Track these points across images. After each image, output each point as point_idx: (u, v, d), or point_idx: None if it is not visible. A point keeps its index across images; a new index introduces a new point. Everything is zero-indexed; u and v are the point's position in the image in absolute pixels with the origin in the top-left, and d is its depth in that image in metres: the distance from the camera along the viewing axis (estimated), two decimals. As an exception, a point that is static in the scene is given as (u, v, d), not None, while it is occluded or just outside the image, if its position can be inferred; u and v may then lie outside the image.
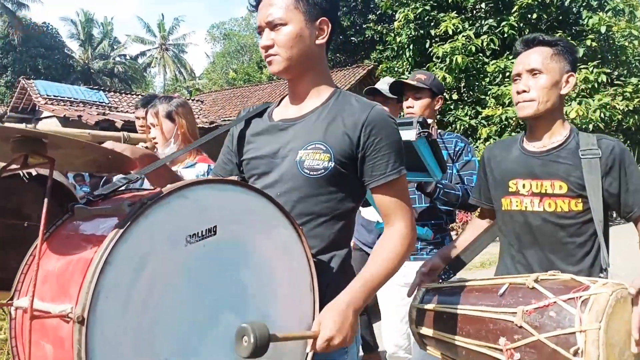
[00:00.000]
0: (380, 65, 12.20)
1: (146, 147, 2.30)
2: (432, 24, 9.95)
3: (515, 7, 8.71)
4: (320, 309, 1.22)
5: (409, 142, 1.82)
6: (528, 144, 1.74)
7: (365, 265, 1.30)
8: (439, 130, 2.41)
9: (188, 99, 20.87)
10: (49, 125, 12.39)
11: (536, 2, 8.54)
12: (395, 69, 10.42)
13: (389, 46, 11.34)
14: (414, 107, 2.52)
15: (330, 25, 1.36)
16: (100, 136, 3.71)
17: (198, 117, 14.67)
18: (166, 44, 39.68)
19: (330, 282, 1.30)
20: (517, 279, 1.47)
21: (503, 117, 8.37)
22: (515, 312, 1.35)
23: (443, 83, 8.97)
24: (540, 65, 1.65)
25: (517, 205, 1.70)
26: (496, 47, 9.04)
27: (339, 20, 1.41)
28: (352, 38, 20.53)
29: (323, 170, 1.28)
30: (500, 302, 1.42)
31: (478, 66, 9.27)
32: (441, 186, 2.29)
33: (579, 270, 1.58)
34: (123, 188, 1.12)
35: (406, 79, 2.50)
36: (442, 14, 9.56)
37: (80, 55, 36.94)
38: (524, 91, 1.66)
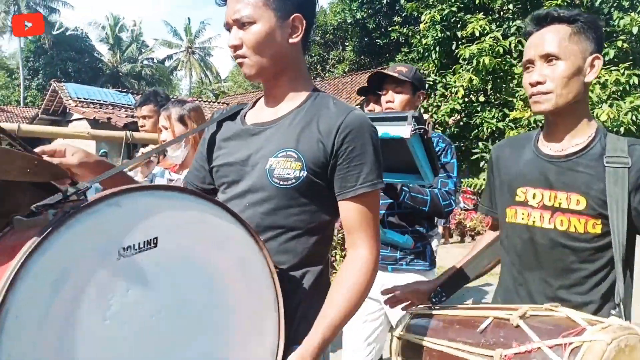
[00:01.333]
0: (406, 68, 12.13)
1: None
2: (458, 25, 9.86)
3: (544, 8, 8.57)
4: (290, 328, 1.13)
5: (402, 139, 1.62)
6: (544, 144, 1.42)
7: (326, 299, 1.18)
8: None
9: (213, 102, 21.08)
10: (79, 127, 12.68)
11: (565, 3, 8.38)
12: (421, 70, 10.34)
13: (414, 48, 11.28)
14: (393, 101, 2.27)
15: (304, 22, 1.23)
16: (100, 135, 3.68)
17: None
18: (192, 47, 40.23)
19: (302, 300, 1.21)
20: (503, 312, 1.25)
21: (531, 119, 8.23)
22: (492, 356, 1.15)
23: (470, 85, 8.89)
24: (557, 49, 1.31)
25: (523, 218, 1.40)
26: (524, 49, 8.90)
27: (315, 16, 1.30)
28: (377, 40, 20.48)
29: (294, 180, 1.17)
30: (480, 340, 1.23)
31: (505, 68, 9.14)
32: (407, 189, 2.10)
33: (589, 302, 1.32)
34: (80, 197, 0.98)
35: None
36: (468, 16, 9.46)
37: (109, 59, 37.73)
38: (539, 82, 1.33)
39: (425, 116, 1.68)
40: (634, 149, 1.28)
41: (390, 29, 16.33)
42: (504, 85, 9.49)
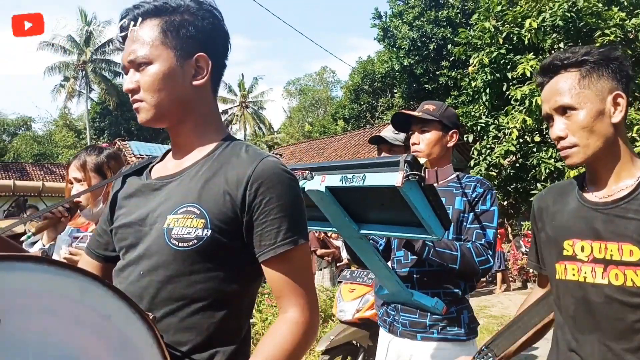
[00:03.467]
0: (456, 111, 12.04)
1: (68, 207, 1.97)
2: (508, 67, 9.79)
3: (597, 45, 8.39)
4: None
5: (393, 187, 1.43)
6: (589, 191, 1.29)
7: None
8: (457, 173, 2.05)
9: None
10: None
11: (619, 39, 8.19)
12: (472, 113, 10.26)
13: (464, 91, 11.25)
14: (419, 143, 2.02)
15: (210, 62, 1.10)
16: (20, 187, 3.64)
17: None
18: (246, 101, 41.79)
19: None
20: None
21: (591, 158, 7.91)
22: None
23: (523, 126, 8.72)
24: (569, 99, 1.21)
25: (573, 275, 1.26)
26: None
27: (225, 54, 1.16)
28: (426, 85, 20.57)
29: (196, 241, 1.00)
30: None
31: (560, 107, 8.94)
32: (431, 244, 1.82)
33: None
34: None
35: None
36: (518, 56, 9.40)
37: (168, 116, 39.62)
38: (560, 137, 1.24)
39: (422, 160, 1.47)
40: None
41: (438, 73, 16.43)
42: (559, 124, 9.22)
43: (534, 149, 9.42)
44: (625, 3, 8.63)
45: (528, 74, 8.92)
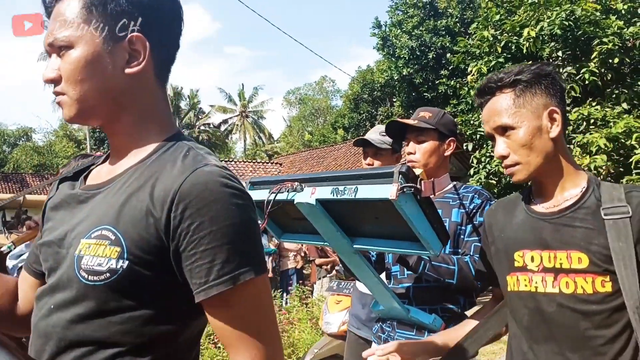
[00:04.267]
0: (455, 119, 12.08)
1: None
2: (506, 75, 9.83)
3: (595, 53, 8.43)
4: None
5: (387, 200, 1.33)
6: (535, 203, 1.32)
7: None
8: (454, 183, 1.97)
9: (267, 162, 21.66)
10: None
11: (617, 47, 8.22)
12: (471, 121, 10.29)
13: (463, 100, 11.28)
14: (415, 153, 1.93)
15: (148, 44, 0.89)
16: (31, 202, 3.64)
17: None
18: (246, 111, 41.93)
19: None
20: None
21: (592, 166, 7.94)
22: None
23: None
24: (506, 119, 1.24)
25: (525, 285, 1.26)
26: (577, 95, 8.73)
27: (172, 34, 0.94)
28: (425, 94, 20.63)
29: (109, 274, 0.80)
30: None
31: (559, 115, 8.97)
32: (427, 258, 1.74)
33: None
34: None
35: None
36: (517, 65, 9.45)
37: (168, 126, 39.79)
38: (503, 156, 1.27)
39: (418, 171, 1.37)
40: (631, 195, 1.17)
41: (437, 82, 16.48)
42: (559, 132, 9.25)
43: (534, 157, 9.44)
44: (623, 12, 8.68)
45: (527, 83, 8.93)
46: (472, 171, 9.11)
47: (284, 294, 8.37)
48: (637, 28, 8.36)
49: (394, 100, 23.22)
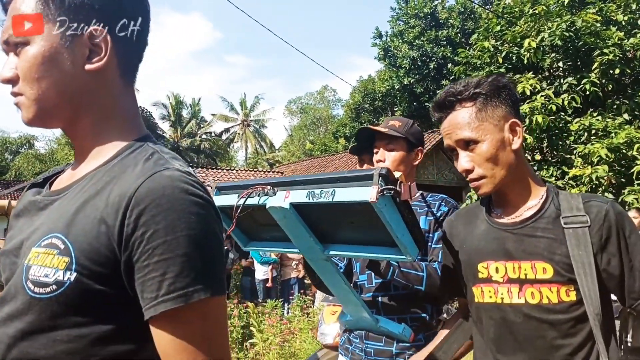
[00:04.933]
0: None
1: None
2: (507, 86, 9.86)
3: (596, 64, 8.47)
4: None
5: (367, 203, 1.29)
6: (496, 213, 1.32)
7: None
8: (422, 192, 1.97)
9: (269, 171, 21.69)
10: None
11: (617, 58, 8.26)
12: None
13: (464, 110, 11.33)
14: (384, 160, 1.94)
15: (110, 38, 0.83)
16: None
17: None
18: (248, 120, 42.05)
19: None
20: None
21: (593, 176, 7.96)
22: None
23: (524, 144, 8.73)
24: (469, 133, 1.22)
25: (490, 297, 1.26)
26: (578, 105, 8.76)
27: (133, 30, 0.87)
28: (426, 104, 20.69)
29: (55, 287, 0.73)
30: None
31: (560, 125, 8.96)
32: (396, 264, 1.72)
33: None
34: None
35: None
36: (517, 75, 9.48)
37: (170, 135, 39.90)
38: (467, 170, 1.25)
39: (397, 174, 1.36)
40: (590, 205, 1.18)
41: (438, 92, 16.52)
42: (560, 143, 9.28)
43: (535, 167, 9.44)
44: (624, 23, 8.73)
45: (528, 93, 8.98)
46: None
47: (285, 304, 8.34)
48: (638, 39, 8.41)
49: (395, 109, 23.28)
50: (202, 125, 42.44)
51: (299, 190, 1.46)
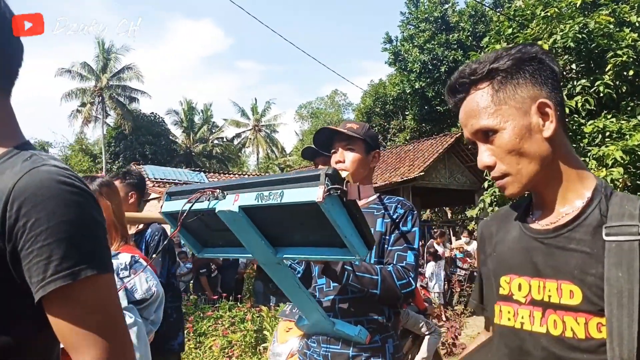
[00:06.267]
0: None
1: None
2: (520, 88, 9.81)
3: (609, 66, 8.40)
4: None
5: (314, 203, 1.27)
6: (532, 217, 1.06)
7: None
8: (378, 194, 1.98)
9: (280, 176, 21.81)
10: (156, 206, 13.39)
11: (631, 59, 8.19)
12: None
13: (476, 113, 11.28)
14: (344, 160, 1.95)
15: None
16: None
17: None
18: (259, 125, 42.20)
19: None
20: None
21: (608, 179, 7.89)
22: None
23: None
24: (486, 121, 0.98)
25: (508, 319, 1.01)
26: (592, 107, 8.69)
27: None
28: (438, 107, 20.64)
29: None
30: None
31: (574, 127, 8.90)
32: (350, 268, 1.70)
33: None
34: None
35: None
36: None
37: (183, 140, 40.21)
38: (488, 167, 1.01)
39: (344, 174, 1.34)
40: None
41: (450, 96, 16.45)
42: (574, 145, 9.21)
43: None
44: (637, 24, 8.66)
45: (540, 96, 8.91)
46: (485, 184, 9.07)
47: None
48: (652, 40, 8.33)
49: (407, 113, 23.25)
50: (213, 131, 42.68)
51: (249, 193, 1.42)
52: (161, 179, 16.38)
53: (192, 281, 8.97)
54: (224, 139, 43.04)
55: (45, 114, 77.55)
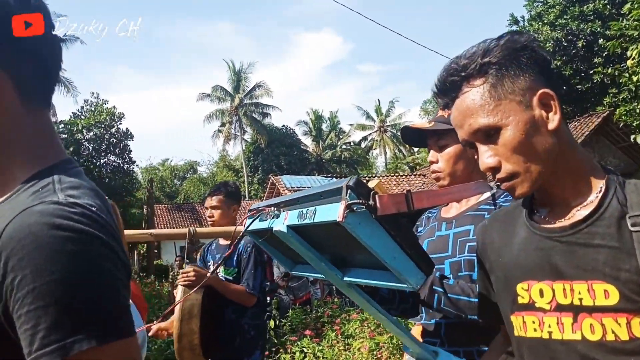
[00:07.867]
0: (618, 110, 11.02)
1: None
2: (675, 54, 8.74)
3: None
4: None
5: (337, 223, 1.02)
6: (539, 214, 0.98)
7: None
8: (493, 192, 1.52)
9: (410, 175, 21.65)
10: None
11: None
12: (637, 110, 9.30)
13: (624, 88, 10.25)
14: (438, 161, 1.60)
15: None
16: (162, 234, 3.70)
17: (422, 191, 15.06)
18: (384, 125, 42.32)
19: None
20: None
21: None
22: None
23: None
24: (486, 119, 0.91)
25: (535, 329, 0.93)
26: None
27: (19, 45, 0.72)
28: (578, 86, 19.00)
29: None
30: None
31: None
32: (441, 290, 1.37)
33: None
34: None
35: None
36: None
37: (313, 149, 41.81)
38: (492, 168, 0.92)
39: (372, 183, 1.02)
40: None
41: (591, 72, 15.14)
42: None
43: None
44: None
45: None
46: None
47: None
48: None
49: (542, 96, 21.74)
50: (341, 137, 43.72)
51: (293, 211, 1.24)
52: (297, 187, 17.24)
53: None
54: (351, 143, 43.85)
55: (192, 136, 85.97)
